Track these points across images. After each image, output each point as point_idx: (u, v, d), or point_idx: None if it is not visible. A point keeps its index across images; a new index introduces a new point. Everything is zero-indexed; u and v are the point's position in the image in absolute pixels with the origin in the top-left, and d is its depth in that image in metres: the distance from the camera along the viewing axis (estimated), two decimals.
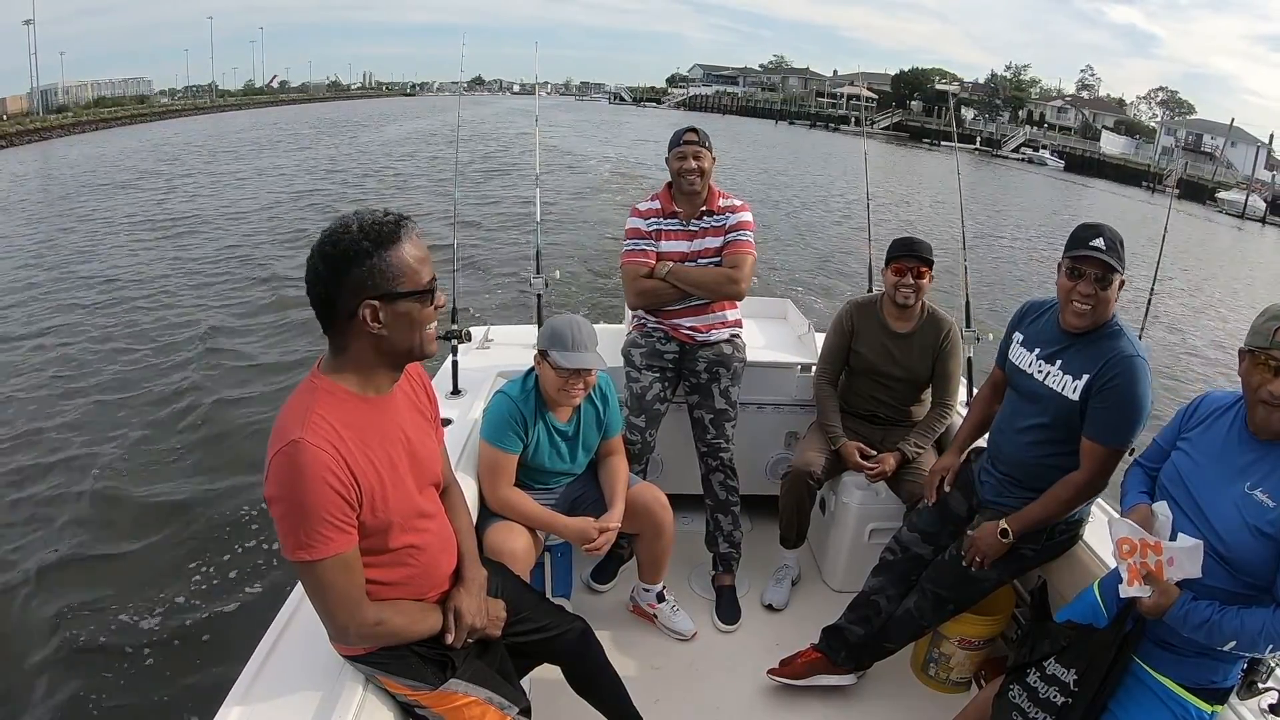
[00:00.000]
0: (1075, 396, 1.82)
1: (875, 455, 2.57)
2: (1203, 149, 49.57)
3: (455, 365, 2.69)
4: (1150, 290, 2.83)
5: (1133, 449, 1.84)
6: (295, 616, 1.57)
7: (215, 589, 3.52)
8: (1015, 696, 1.70)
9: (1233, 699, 1.57)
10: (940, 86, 69.88)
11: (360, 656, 1.42)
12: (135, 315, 7.77)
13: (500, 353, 3.04)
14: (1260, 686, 1.56)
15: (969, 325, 2.89)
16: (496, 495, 2.12)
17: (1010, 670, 1.78)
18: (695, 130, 2.55)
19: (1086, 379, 1.80)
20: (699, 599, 2.72)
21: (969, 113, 56.55)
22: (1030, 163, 49.14)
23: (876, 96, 70.28)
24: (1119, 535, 1.51)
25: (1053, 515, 1.93)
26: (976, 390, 2.50)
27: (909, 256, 2.52)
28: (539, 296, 3.07)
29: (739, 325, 2.68)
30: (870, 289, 3.35)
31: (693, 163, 2.50)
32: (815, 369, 2.80)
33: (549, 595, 2.40)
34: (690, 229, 2.57)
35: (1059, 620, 1.73)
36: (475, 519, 1.92)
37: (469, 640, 1.51)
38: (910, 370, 2.61)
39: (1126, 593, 1.48)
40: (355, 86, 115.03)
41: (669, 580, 2.56)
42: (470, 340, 2.83)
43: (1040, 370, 1.91)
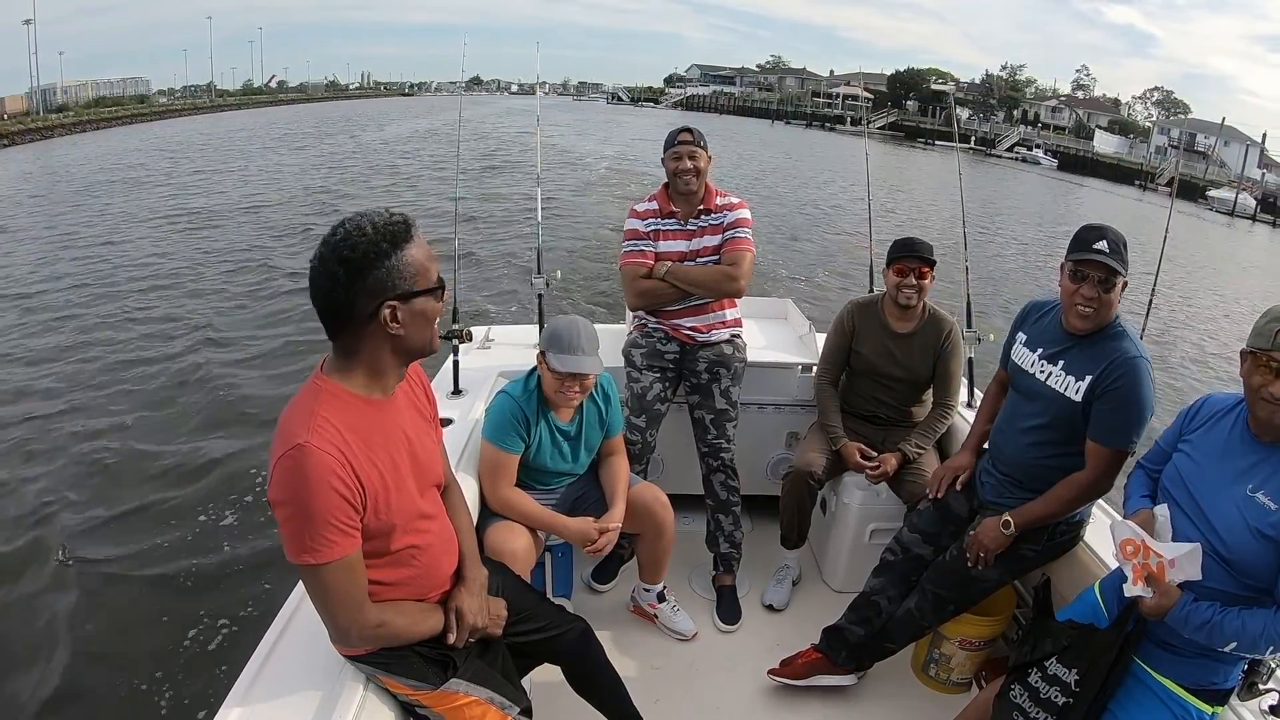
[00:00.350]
0: (1078, 397, 1.82)
1: (876, 456, 2.57)
2: (1196, 148, 49.81)
3: (456, 365, 2.69)
4: (1151, 291, 2.82)
5: (1133, 450, 1.84)
6: (295, 616, 1.57)
7: (215, 588, 3.52)
8: (1016, 696, 1.70)
9: (1233, 700, 1.57)
10: (936, 86, 70.17)
11: (361, 656, 1.42)
12: (140, 314, 7.79)
13: (501, 353, 3.04)
14: (1261, 688, 1.56)
15: (970, 326, 2.89)
16: (497, 495, 2.12)
17: (1012, 670, 1.78)
18: (690, 130, 2.54)
19: (1089, 380, 1.80)
20: (699, 599, 2.72)
21: (964, 112, 56.85)
22: (1024, 162, 49.39)
23: (872, 96, 70.58)
24: (1121, 537, 1.52)
25: (1055, 514, 1.92)
26: (979, 391, 2.50)
27: (911, 257, 2.51)
28: (540, 296, 3.07)
29: (739, 325, 2.67)
30: (871, 289, 3.35)
31: (688, 163, 2.49)
32: (816, 369, 2.80)
33: (549, 595, 2.40)
34: (688, 228, 2.57)
35: (1060, 620, 1.73)
36: (476, 519, 1.92)
37: (470, 640, 1.51)
38: (911, 371, 2.61)
39: (1131, 592, 1.49)
40: (353, 86, 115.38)
41: (669, 580, 2.56)
42: (471, 340, 2.83)
43: (1043, 371, 1.91)
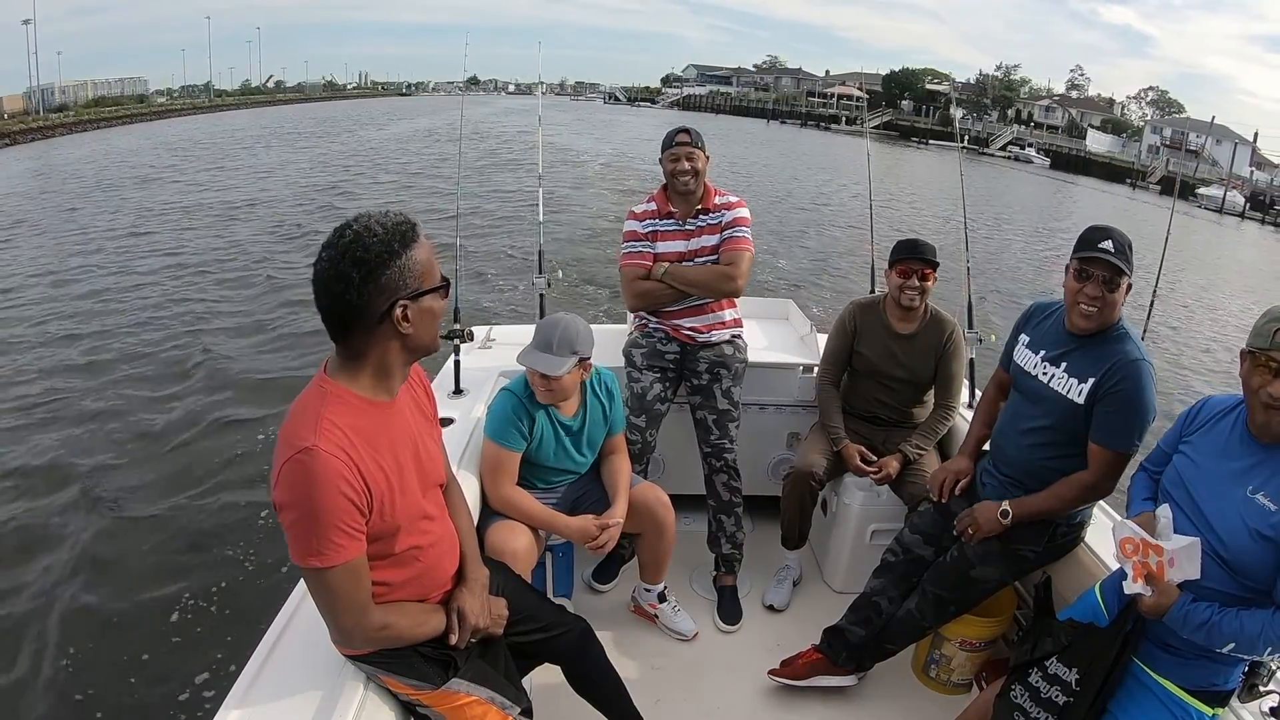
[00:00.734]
0: (1080, 399, 1.82)
1: (876, 460, 2.56)
2: (1188, 147, 50.28)
3: (457, 365, 2.69)
4: (1153, 293, 2.82)
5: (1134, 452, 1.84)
6: (296, 615, 1.57)
7: (216, 588, 3.53)
8: (1017, 696, 1.70)
9: (1233, 702, 1.56)
10: (930, 86, 70.87)
11: (362, 656, 1.42)
12: (141, 311, 7.82)
13: (502, 352, 3.04)
14: (1261, 689, 1.56)
15: (971, 327, 2.89)
16: (499, 494, 2.12)
17: (1013, 669, 1.77)
18: (687, 131, 2.53)
19: (1092, 382, 1.80)
20: (700, 599, 2.73)
21: (958, 112, 57.45)
22: (1016, 160, 49.81)
23: (867, 96, 71.01)
24: (1121, 536, 1.52)
25: (1053, 511, 1.92)
26: (980, 392, 2.50)
27: (914, 259, 2.51)
28: (541, 296, 3.07)
29: (739, 325, 2.67)
30: (873, 290, 3.35)
31: (685, 164, 2.49)
32: (818, 370, 2.80)
33: (550, 595, 2.40)
34: (687, 228, 2.57)
35: (1060, 619, 1.73)
36: (476, 518, 1.92)
37: (471, 640, 1.52)
38: (913, 371, 2.61)
39: (1131, 589, 1.49)
40: (351, 86, 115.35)
41: (670, 580, 2.56)
42: (473, 340, 2.83)
43: (1045, 372, 1.91)
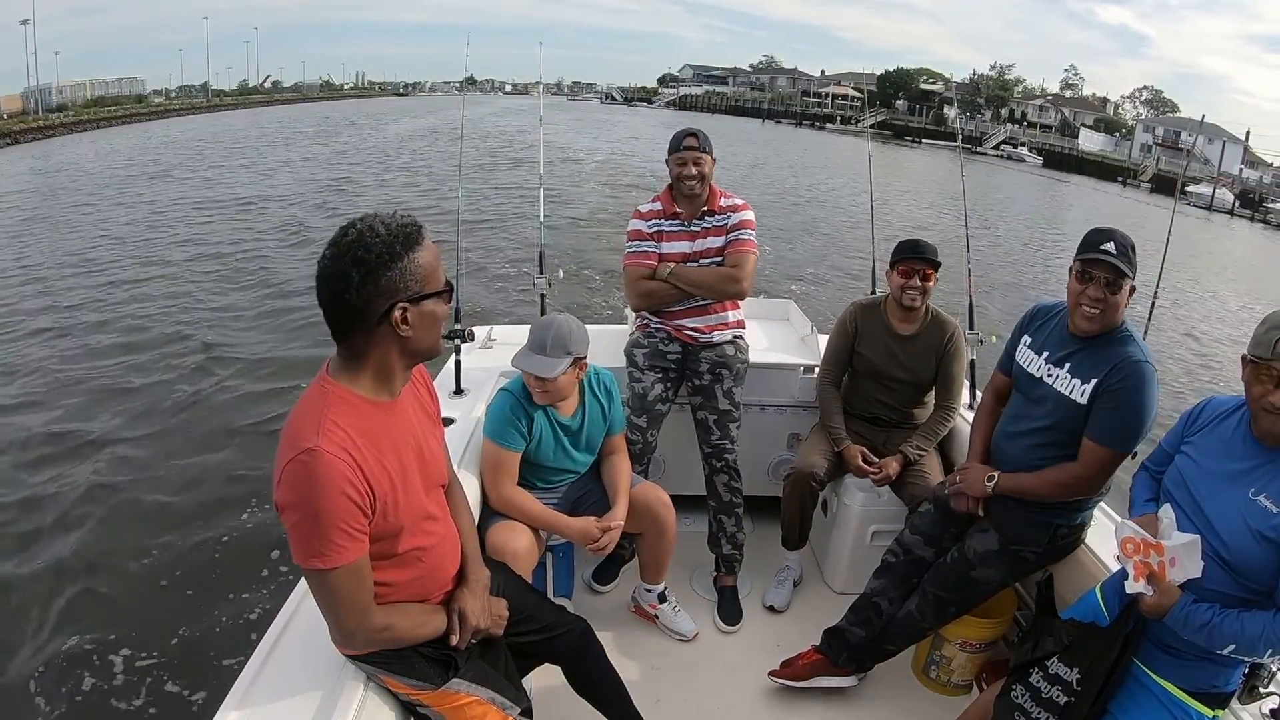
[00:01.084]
0: (1083, 400, 1.82)
1: (877, 461, 2.56)
2: (1180, 145, 50.87)
3: (458, 365, 2.69)
4: (1154, 294, 2.81)
5: (1135, 453, 1.83)
6: (297, 615, 1.57)
7: (216, 588, 3.53)
8: (1018, 696, 1.70)
9: (1234, 703, 1.56)
10: (924, 86, 71.37)
11: (362, 656, 1.42)
12: (145, 309, 7.84)
13: (503, 352, 3.03)
14: (1262, 691, 1.56)
15: (972, 327, 2.88)
16: (499, 493, 2.12)
17: (1014, 669, 1.77)
18: (695, 135, 2.52)
19: (1095, 382, 1.80)
20: (700, 600, 2.73)
21: (951, 111, 57.64)
22: (1009, 159, 50.26)
23: (862, 96, 71.50)
24: (1123, 536, 1.52)
25: (1041, 493, 1.92)
26: (981, 393, 2.50)
27: (916, 259, 2.51)
28: (543, 296, 3.07)
29: (742, 326, 2.67)
30: (874, 290, 3.35)
31: (693, 169, 2.49)
32: (818, 370, 2.80)
33: (550, 595, 2.40)
34: (692, 229, 2.57)
35: (1062, 619, 1.73)
36: (477, 518, 1.92)
37: (472, 640, 1.52)
38: (914, 372, 2.61)
39: (1133, 589, 1.49)
40: (348, 86, 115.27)
41: (670, 581, 2.56)
42: (473, 340, 2.83)
43: (1049, 373, 1.91)
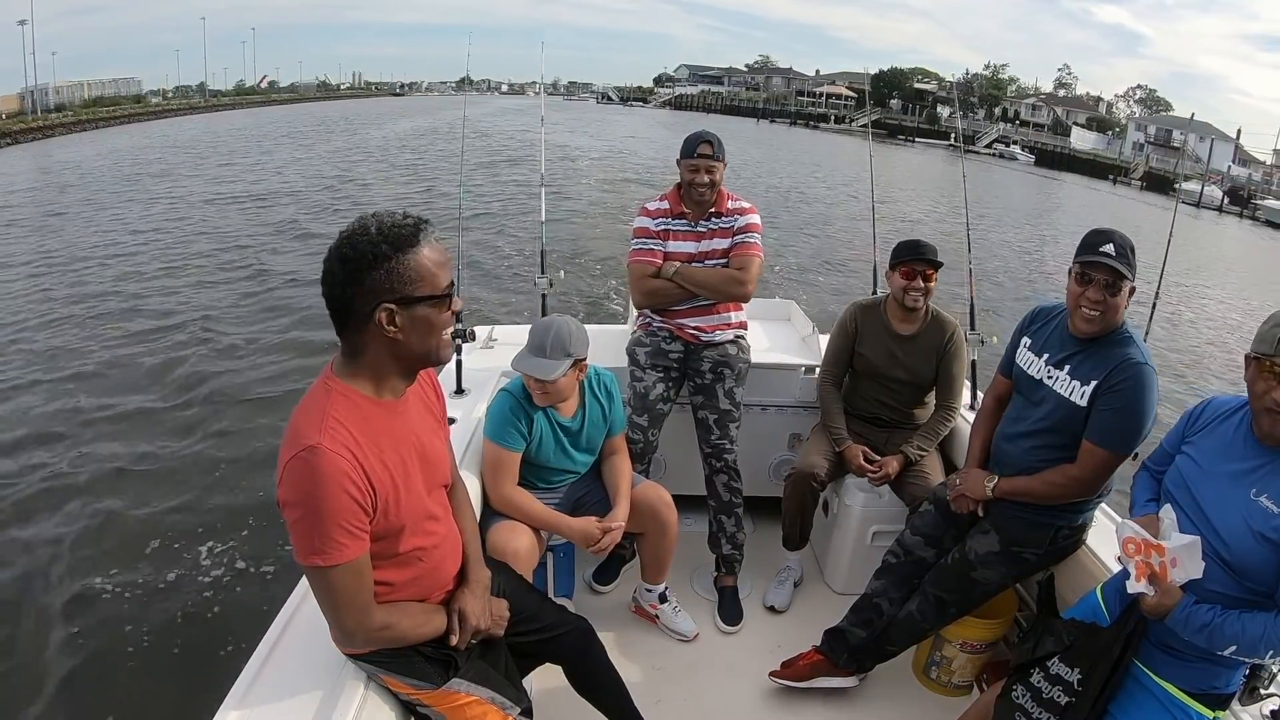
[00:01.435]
0: (1083, 402, 1.82)
1: (878, 459, 2.56)
2: (1172, 144, 51.29)
3: (459, 365, 2.69)
4: (1155, 294, 2.81)
5: (1136, 454, 1.83)
6: (297, 614, 1.57)
7: (216, 587, 3.53)
8: (1019, 696, 1.70)
9: (1234, 705, 1.56)
10: (918, 85, 72.02)
11: (362, 655, 1.42)
12: (150, 308, 7.86)
13: (504, 352, 3.03)
14: (1263, 692, 1.55)
15: (973, 328, 2.88)
16: (500, 494, 2.12)
17: (1015, 670, 1.77)
18: (710, 143, 2.49)
19: (1094, 384, 1.80)
20: (701, 600, 2.72)
21: (944, 110, 57.59)
22: (1001, 158, 50.75)
23: (855, 95, 71.93)
24: (1124, 536, 1.51)
25: (1037, 495, 1.93)
26: (982, 393, 2.50)
27: (918, 259, 2.50)
28: (544, 296, 3.07)
29: (744, 327, 2.67)
30: (875, 291, 3.35)
31: (705, 176, 2.49)
32: (819, 371, 2.79)
33: (551, 595, 2.40)
34: (698, 230, 2.57)
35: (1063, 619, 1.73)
36: (478, 518, 1.92)
37: (472, 640, 1.52)
38: (914, 373, 2.61)
39: (1134, 589, 1.48)
40: (344, 87, 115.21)
41: (671, 581, 2.56)
42: (475, 340, 2.83)
43: (1049, 375, 1.91)
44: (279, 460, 1.22)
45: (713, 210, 2.56)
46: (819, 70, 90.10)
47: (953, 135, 53.75)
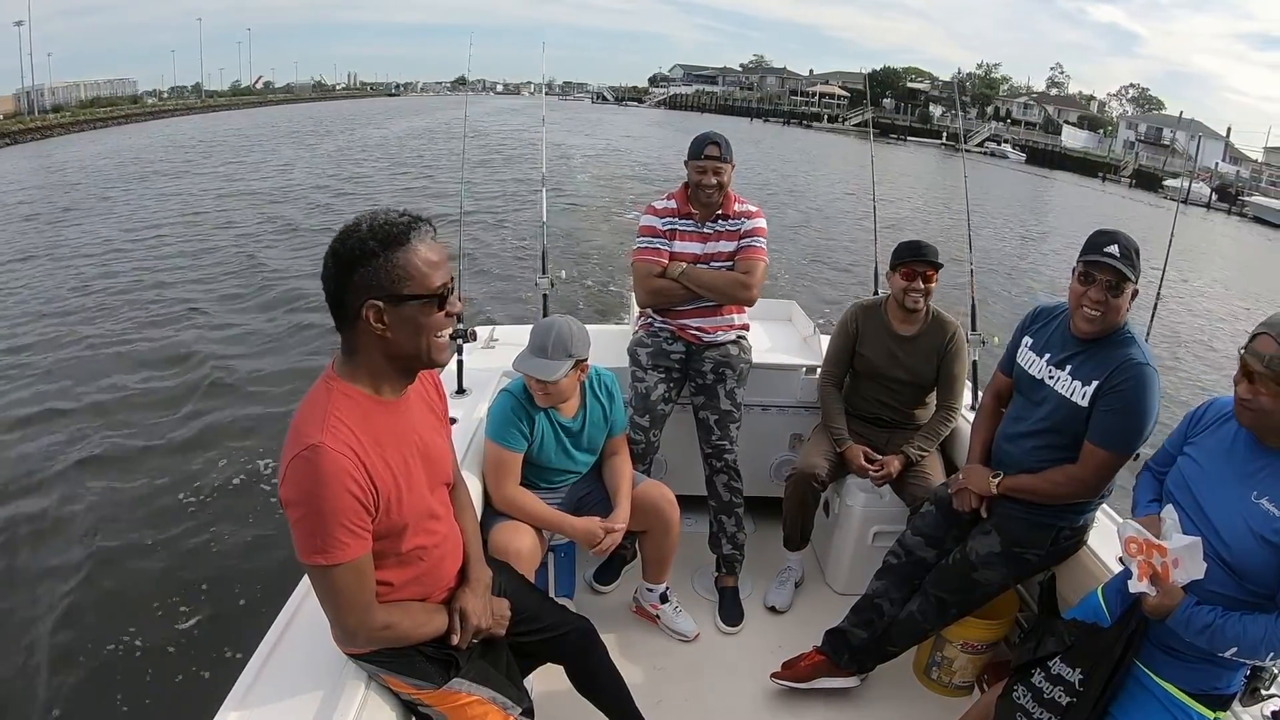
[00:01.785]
0: (1084, 402, 1.82)
1: (879, 459, 2.56)
2: (1162, 142, 51.69)
3: (460, 365, 2.69)
4: (1156, 295, 2.80)
5: (1138, 454, 1.83)
6: (298, 614, 1.57)
7: (217, 586, 3.53)
8: (1020, 697, 1.70)
9: (1235, 705, 1.56)
10: (911, 85, 72.49)
11: (363, 655, 1.42)
12: (155, 309, 7.88)
13: (505, 352, 3.03)
14: (1263, 693, 1.55)
15: (974, 329, 2.89)
16: (502, 494, 2.12)
17: (1016, 670, 1.77)
18: (718, 144, 2.49)
19: (1096, 385, 1.80)
20: (702, 600, 2.72)
21: (937, 109, 57.53)
22: (993, 156, 51.00)
23: (848, 95, 72.33)
24: (1126, 536, 1.51)
25: (1041, 493, 1.93)
26: (981, 396, 2.50)
27: (918, 260, 2.50)
28: (545, 296, 3.07)
29: (746, 329, 2.67)
30: (876, 291, 3.35)
31: (712, 178, 2.48)
32: (820, 371, 2.80)
33: (552, 595, 2.40)
34: (704, 231, 2.57)
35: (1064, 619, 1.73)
36: (480, 518, 1.92)
37: (473, 640, 1.52)
38: (915, 373, 2.61)
39: (1136, 588, 1.48)
40: (340, 87, 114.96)
41: (671, 581, 2.56)
42: (476, 340, 2.83)
43: (1050, 375, 1.90)
44: (281, 459, 1.22)
45: (719, 212, 2.55)
46: (813, 70, 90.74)
47: (945, 134, 54.19)
